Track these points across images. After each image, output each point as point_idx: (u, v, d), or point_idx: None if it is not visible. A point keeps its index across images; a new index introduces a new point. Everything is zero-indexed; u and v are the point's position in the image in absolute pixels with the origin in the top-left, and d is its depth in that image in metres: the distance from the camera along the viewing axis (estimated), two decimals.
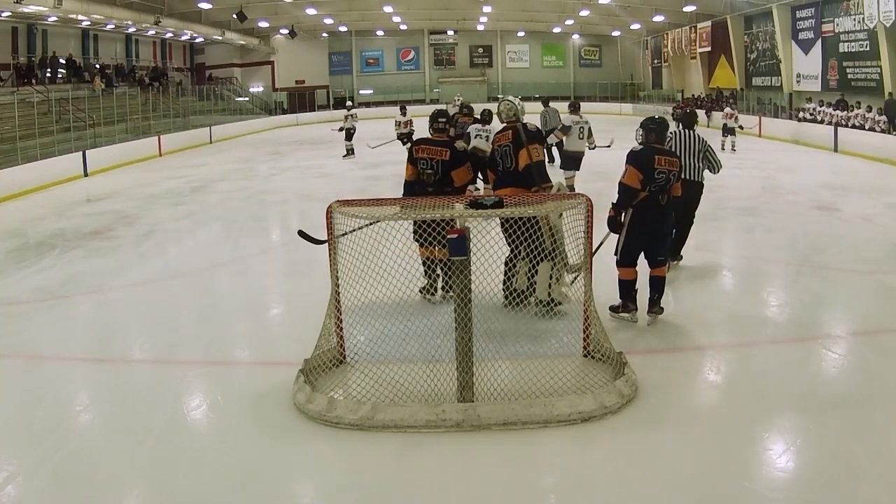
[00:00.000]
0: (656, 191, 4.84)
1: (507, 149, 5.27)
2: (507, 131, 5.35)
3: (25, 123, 16.16)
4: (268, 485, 3.22)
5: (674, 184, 4.95)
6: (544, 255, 4.73)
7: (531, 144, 5.24)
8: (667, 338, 4.94)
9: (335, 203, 4.24)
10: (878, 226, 8.30)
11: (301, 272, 7.11)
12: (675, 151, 5.43)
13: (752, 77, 25.09)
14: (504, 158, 5.31)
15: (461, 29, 36.61)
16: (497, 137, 5.47)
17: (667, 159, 4.88)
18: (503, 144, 5.32)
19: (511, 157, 5.26)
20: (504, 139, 5.33)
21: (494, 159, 5.46)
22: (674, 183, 4.94)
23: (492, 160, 5.53)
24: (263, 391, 4.16)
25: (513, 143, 5.24)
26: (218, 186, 13.42)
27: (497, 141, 5.45)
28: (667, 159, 4.88)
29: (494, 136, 5.67)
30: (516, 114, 5.46)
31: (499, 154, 5.37)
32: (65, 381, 4.50)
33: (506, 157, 5.30)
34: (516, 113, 5.47)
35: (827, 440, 3.46)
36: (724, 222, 8.82)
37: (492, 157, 5.55)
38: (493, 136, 5.86)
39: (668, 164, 4.86)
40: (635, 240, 4.96)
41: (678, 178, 4.99)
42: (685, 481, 3.16)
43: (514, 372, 4.01)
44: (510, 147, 5.26)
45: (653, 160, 4.83)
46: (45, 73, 22.67)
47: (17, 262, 7.76)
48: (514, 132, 5.30)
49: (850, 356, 4.56)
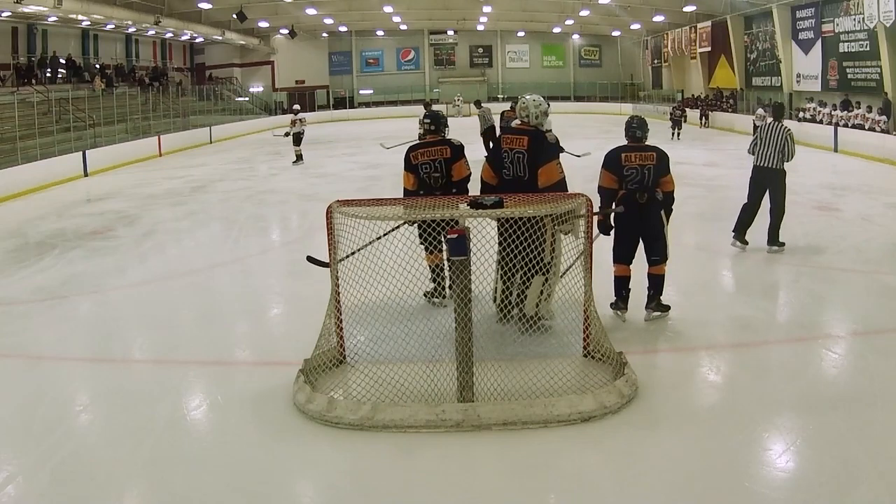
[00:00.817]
0: (634, 189, 4.85)
1: (520, 156, 4.75)
2: (524, 136, 4.79)
3: (25, 123, 16.17)
4: (268, 485, 3.22)
5: (654, 179, 4.86)
6: (540, 267, 4.46)
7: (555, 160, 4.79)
8: (667, 338, 4.94)
9: (335, 203, 4.24)
10: (878, 226, 8.30)
11: (301, 272, 7.08)
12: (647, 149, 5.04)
13: (752, 77, 25.07)
14: (515, 165, 4.79)
15: (461, 29, 36.59)
16: (507, 137, 4.89)
17: (637, 154, 4.87)
18: (515, 149, 4.78)
19: (522, 167, 4.76)
20: (517, 143, 4.78)
21: (498, 160, 4.90)
22: (653, 178, 4.85)
23: (496, 160, 4.95)
24: (263, 391, 4.16)
25: (528, 151, 4.72)
26: (218, 186, 13.43)
27: (507, 141, 4.87)
28: (637, 154, 4.87)
29: (504, 134, 5.04)
30: (528, 115, 4.88)
31: (508, 158, 4.81)
32: (65, 381, 4.50)
33: (517, 164, 4.78)
34: (528, 115, 4.87)
35: (827, 440, 3.46)
36: (724, 222, 8.79)
37: (496, 155, 4.97)
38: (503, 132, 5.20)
39: (640, 160, 4.85)
40: (620, 238, 5.01)
41: (661, 173, 4.88)
42: (685, 481, 3.16)
43: (514, 372, 4.01)
44: (524, 155, 4.74)
45: (619, 158, 4.88)
46: (45, 73, 22.67)
47: (17, 262, 7.77)
48: (532, 139, 4.75)
49: (850, 356, 4.56)
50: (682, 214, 9.45)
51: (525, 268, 4.53)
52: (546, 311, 4.79)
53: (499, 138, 5.11)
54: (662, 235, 4.96)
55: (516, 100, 5.50)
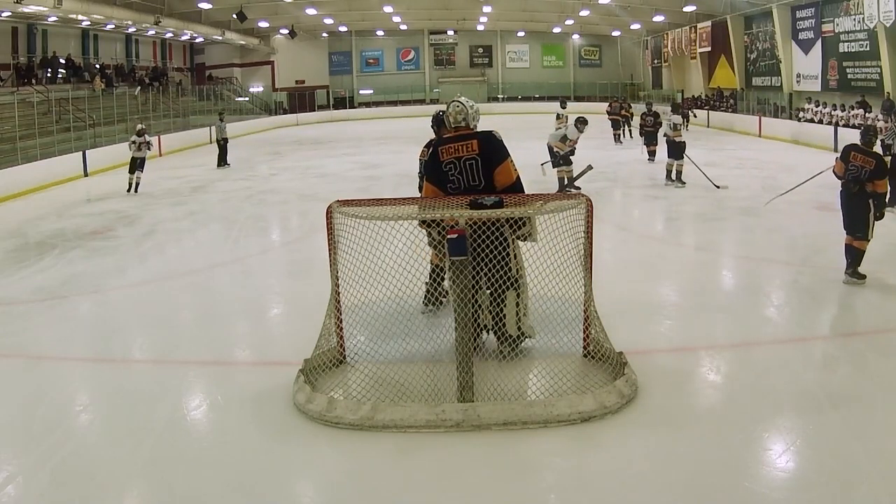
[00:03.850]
0: (850, 180, 5.92)
1: (472, 162, 4.33)
2: (472, 140, 4.38)
3: (25, 123, 16.18)
4: (268, 485, 3.22)
5: (868, 178, 5.81)
6: (509, 282, 4.22)
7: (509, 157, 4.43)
8: (667, 338, 4.95)
9: (335, 203, 4.24)
10: (878, 226, 8.27)
11: (301, 272, 7.11)
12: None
13: (752, 77, 25.07)
14: (464, 175, 4.35)
15: (461, 29, 36.59)
16: (448, 147, 4.41)
17: (862, 157, 5.87)
18: (464, 157, 4.35)
19: (474, 174, 4.34)
20: (464, 150, 4.35)
21: (439, 174, 4.41)
22: (867, 177, 5.81)
23: (436, 174, 4.45)
24: (263, 391, 4.15)
25: (481, 154, 4.34)
26: (218, 186, 13.43)
27: (449, 151, 4.39)
28: (862, 157, 5.87)
29: (441, 146, 4.48)
30: (466, 118, 4.48)
31: (455, 170, 4.36)
32: (65, 381, 4.50)
33: (467, 172, 4.35)
34: (466, 117, 4.48)
35: (827, 440, 3.46)
36: (724, 222, 8.82)
37: (434, 170, 4.46)
38: (440, 143, 4.57)
39: (862, 161, 5.85)
40: (843, 214, 6.10)
41: (875, 175, 5.82)
42: (685, 481, 3.16)
43: (514, 372, 4.01)
44: (476, 161, 4.33)
45: (849, 155, 5.94)
46: (45, 73, 22.67)
47: (17, 262, 7.77)
48: (482, 141, 4.39)
49: (850, 356, 4.56)
50: (682, 214, 9.48)
51: (492, 286, 4.24)
52: (528, 329, 4.45)
53: (435, 152, 4.50)
54: (866, 219, 5.94)
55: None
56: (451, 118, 4.52)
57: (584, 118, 10.88)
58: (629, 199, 11.17)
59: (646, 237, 8.30)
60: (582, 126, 10.63)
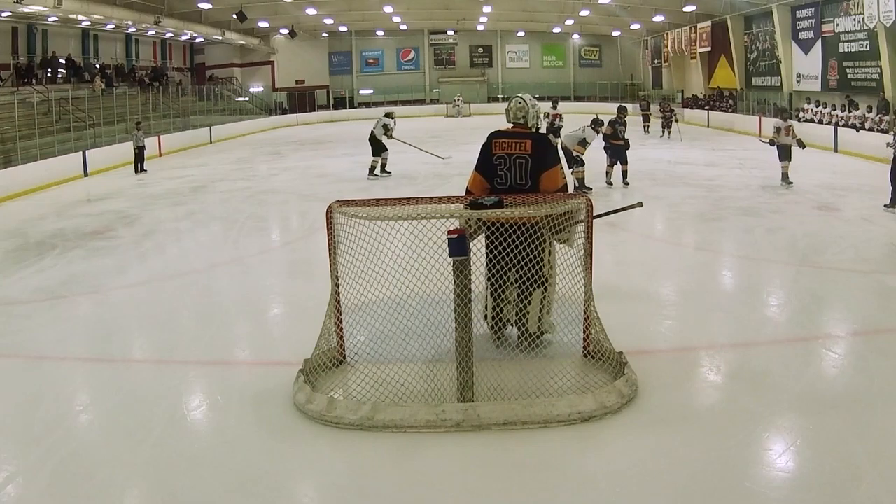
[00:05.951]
0: None
1: (522, 162, 4.37)
2: (526, 140, 4.40)
3: (25, 123, 16.18)
4: (268, 485, 3.22)
5: None
6: (539, 281, 4.23)
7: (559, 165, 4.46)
8: (667, 338, 4.95)
9: (335, 203, 4.24)
10: (878, 226, 8.29)
11: (301, 272, 7.11)
12: None
13: (752, 77, 25.07)
14: (512, 171, 4.40)
15: (461, 29, 36.57)
16: (502, 142, 4.42)
17: None
18: (515, 154, 4.37)
19: (522, 173, 4.39)
20: (516, 148, 4.38)
21: (488, 167, 4.44)
22: None
23: (485, 166, 4.49)
24: (263, 391, 4.15)
25: (532, 155, 4.36)
26: (218, 186, 13.42)
27: (502, 146, 4.41)
28: None
29: (495, 139, 4.49)
30: (525, 116, 4.53)
31: (505, 164, 4.40)
32: (65, 381, 4.50)
33: (516, 170, 4.40)
34: (525, 115, 4.53)
35: (827, 440, 3.46)
36: (724, 222, 8.82)
37: (485, 161, 4.50)
38: (494, 136, 4.56)
39: None
40: None
41: None
42: (685, 481, 3.16)
43: (514, 372, 4.01)
44: (527, 161, 4.36)
45: None
46: (45, 73, 22.66)
47: (17, 262, 7.77)
48: (536, 143, 4.42)
49: (850, 356, 4.56)
50: (682, 214, 9.47)
51: (521, 282, 4.28)
52: (548, 325, 4.56)
53: (488, 143, 4.52)
54: None
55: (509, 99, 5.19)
56: (510, 113, 4.57)
57: (599, 119, 10.99)
58: (629, 200, 11.12)
59: (646, 237, 8.30)
60: (599, 127, 10.77)
